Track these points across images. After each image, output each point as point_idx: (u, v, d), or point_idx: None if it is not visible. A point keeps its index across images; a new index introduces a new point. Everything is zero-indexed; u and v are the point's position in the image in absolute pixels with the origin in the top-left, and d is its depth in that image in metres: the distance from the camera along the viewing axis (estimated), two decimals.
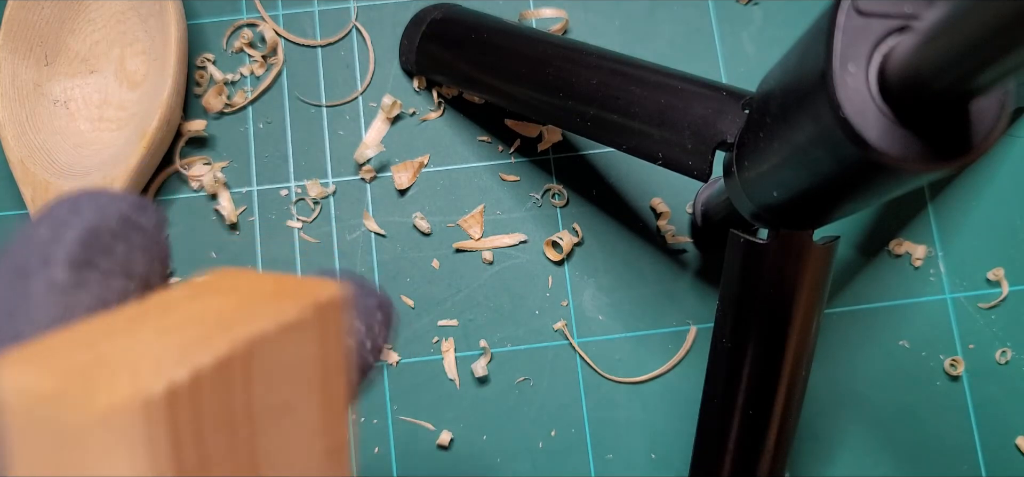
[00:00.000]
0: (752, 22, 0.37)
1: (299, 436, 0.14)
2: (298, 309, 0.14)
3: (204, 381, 0.11)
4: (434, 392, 0.34)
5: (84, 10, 0.35)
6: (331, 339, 0.15)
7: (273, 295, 0.14)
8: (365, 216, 0.35)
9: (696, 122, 0.26)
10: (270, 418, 0.13)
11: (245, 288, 0.14)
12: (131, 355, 0.11)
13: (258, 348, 0.13)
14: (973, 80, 0.15)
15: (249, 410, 0.13)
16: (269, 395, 0.13)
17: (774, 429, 0.26)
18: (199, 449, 0.12)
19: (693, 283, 0.35)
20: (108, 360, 0.11)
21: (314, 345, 0.14)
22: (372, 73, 0.37)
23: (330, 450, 0.15)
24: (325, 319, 0.14)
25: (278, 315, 0.13)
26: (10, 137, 0.33)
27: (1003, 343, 0.34)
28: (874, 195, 0.19)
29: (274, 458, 0.13)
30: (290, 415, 0.14)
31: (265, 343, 0.13)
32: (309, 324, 0.14)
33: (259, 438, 0.13)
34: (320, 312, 0.14)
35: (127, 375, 0.11)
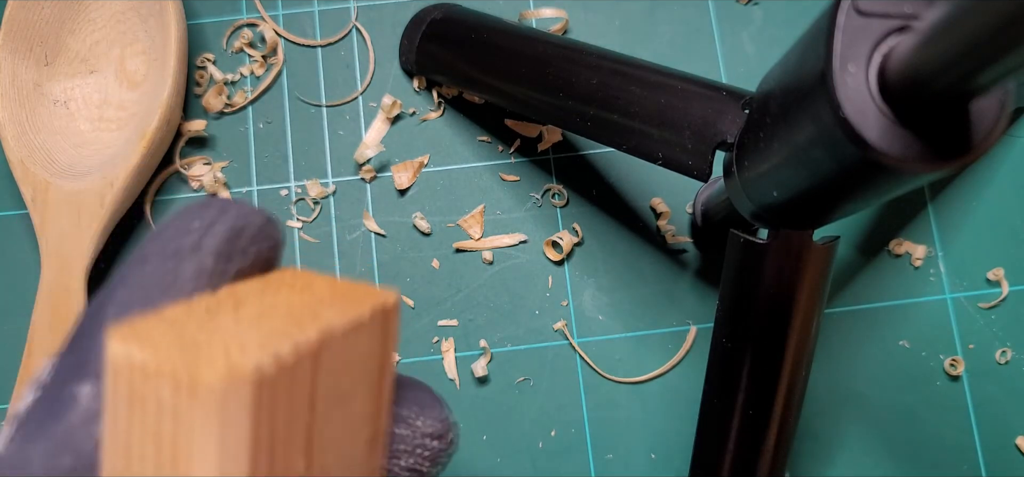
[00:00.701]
0: (752, 22, 0.37)
1: (351, 424, 0.15)
2: (363, 310, 0.15)
3: (284, 369, 0.13)
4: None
5: (84, 10, 0.35)
6: (389, 339, 0.16)
7: (339, 295, 0.15)
8: (365, 216, 0.35)
9: (696, 122, 0.26)
10: (330, 406, 0.14)
11: (312, 287, 0.16)
12: (220, 339, 0.13)
13: (328, 342, 0.14)
14: (973, 80, 0.15)
15: (314, 397, 0.14)
16: (333, 385, 0.14)
17: (774, 429, 0.26)
18: (272, 429, 0.13)
19: (693, 283, 0.35)
20: (200, 342, 0.13)
21: (375, 343, 0.15)
22: (372, 73, 0.37)
23: (372, 439, 0.16)
24: (385, 321, 0.16)
25: (346, 314, 0.14)
26: (10, 137, 0.33)
27: (1003, 343, 0.34)
28: (874, 195, 0.19)
29: (326, 443, 0.14)
30: (346, 405, 0.15)
31: (334, 338, 0.14)
32: (372, 325, 0.15)
33: (318, 423, 0.14)
34: (382, 315, 0.15)
35: (218, 358, 0.12)
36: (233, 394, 0.12)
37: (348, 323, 0.14)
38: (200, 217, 0.16)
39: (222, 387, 0.12)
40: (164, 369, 0.12)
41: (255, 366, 0.12)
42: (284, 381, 0.13)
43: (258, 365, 0.12)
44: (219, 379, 0.12)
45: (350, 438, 0.15)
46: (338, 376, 0.14)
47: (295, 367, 0.13)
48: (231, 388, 0.12)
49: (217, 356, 0.12)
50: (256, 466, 0.12)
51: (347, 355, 0.14)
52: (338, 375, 0.14)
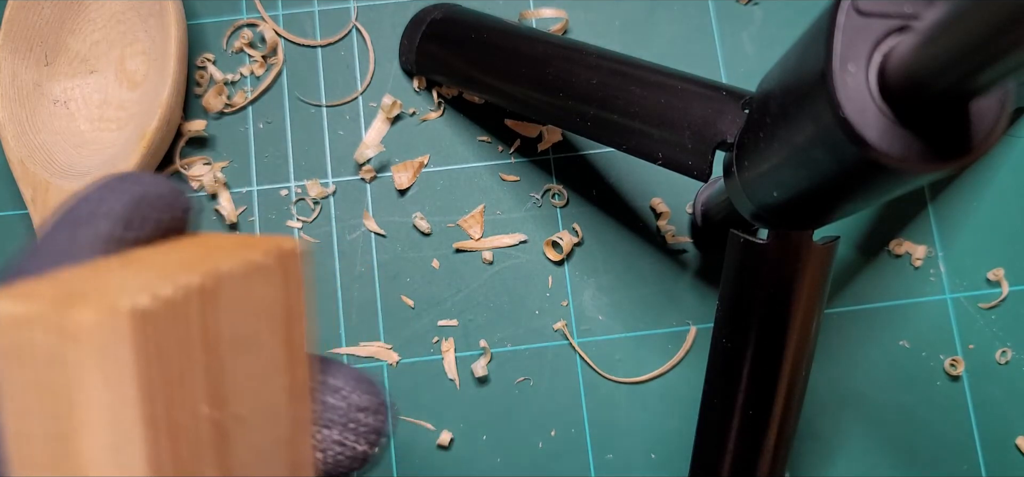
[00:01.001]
0: (752, 22, 0.37)
1: (263, 372, 0.15)
2: (260, 254, 0.15)
3: (166, 306, 0.13)
4: (434, 392, 0.34)
5: (84, 10, 0.35)
6: (293, 285, 0.16)
7: (237, 246, 0.16)
8: (365, 216, 0.35)
9: (696, 122, 0.26)
10: (235, 350, 0.14)
11: (212, 242, 0.16)
12: (101, 286, 0.13)
13: (222, 283, 0.14)
14: (973, 80, 0.15)
15: (209, 339, 0.14)
16: (234, 328, 0.14)
17: (774, 429, 0.26)
18: (162, 369, 0.13)
19: (693, 283, 0.35)
20: (81, 291, 0.13)
21: (276, 288, 0.15)
22: (372, 73, 0.37)
23: (292, 389, 0.16)
24: (286, 266, 0.16)
25: (241, 257, 0.15)
26: (10, 137, 0.33)
27: (1003, 343, 0.34)
28: (874, 195, 0.19)
29: (241, 390, 0.14)
30: (254, 351, 0.15)
31: (225, 280, 0.14)
32: (271, 268, 0.15)
33: (226, 368, 0.14)
34: (281, 259, 0.15)
35: (96, 300, 0.12)
36: (110, 330, 0.12)
37: (241, 266, 0.14)
38: (102, 186, 0.17)
39: (98, 322, 0.12)
40: (41, 316, 0.12)
41: (132, 303, 0.12)
42: (167, 319, 0.13)
43: (135, 302, 0.12)
44: (95, 317, 0.12)
45: (265, 386, 0.15)
46: (236, 319, 0.14)
47: (179, 306, 0.13)
48: (108, 323, 0.12)
49: (95, 299, 0.12)
50: (149, 404, 0.12)
51: (244, 298, 0.15)
52: (236, 318, 0.14)
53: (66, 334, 0.12)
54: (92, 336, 0.12)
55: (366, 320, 0.34)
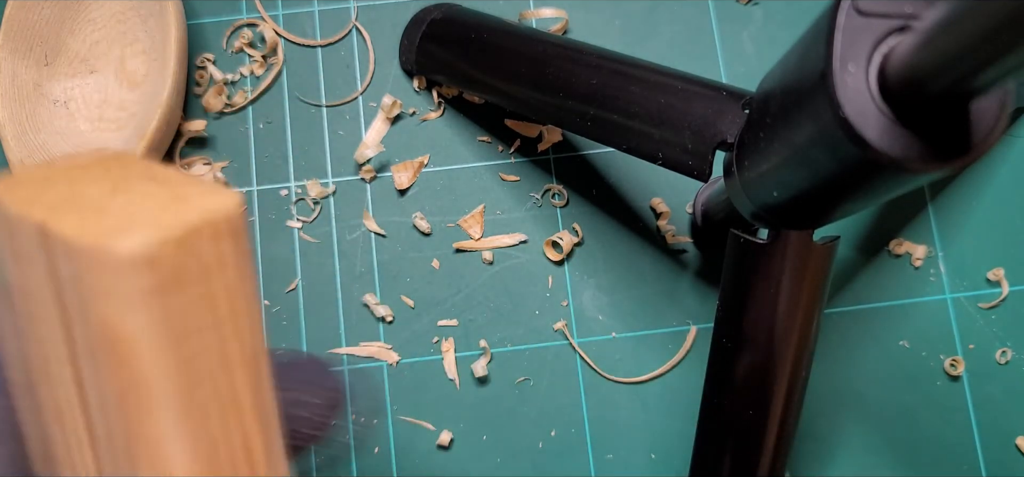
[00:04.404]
0: (752, 22, 0.37)
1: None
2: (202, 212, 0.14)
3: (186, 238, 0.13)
4: (434, 392, 0.34)
5: (84, 10, 0.35)
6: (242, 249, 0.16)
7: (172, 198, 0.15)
8: (365, 216, 0.35)
9: (696, 122, 0.26)
10: None
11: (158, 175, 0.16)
12: (132, 215, 0.13)
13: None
14: (973, 80, 0.15)
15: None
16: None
17: (774, 429, 0.26)
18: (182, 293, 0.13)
19: (693, 283, 0.35)
20: (110, 212, 0.13)
21: (227, 250, 0.15)
22: (372, 73, 0.37)
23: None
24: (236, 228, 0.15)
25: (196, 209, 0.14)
26: (10, 137, 0.33)
27: (1003, 343, 0.34)
28: (874, 195, 0.19)
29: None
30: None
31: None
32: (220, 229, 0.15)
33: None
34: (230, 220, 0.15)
35: (145, 228, 0.12)
36: (153, 260, 0.12)
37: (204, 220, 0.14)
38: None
39: (141, 254, 0.12)
40: (93, 239, 0.12)
41: (164, 235, 0.12)
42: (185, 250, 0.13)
43: (165, 235, 0.13)
44: (138, 247, 0.12)
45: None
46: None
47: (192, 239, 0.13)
48: (149, 255, 0.12)
49: (133, 227, 0.13)
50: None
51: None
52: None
53: (115, 256, 0.12)
54: (136, 264, 0.12)
55: (366, 320, 0.34)
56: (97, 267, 0.12)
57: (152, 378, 0.13)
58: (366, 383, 0.34)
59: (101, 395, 0.14)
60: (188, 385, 0.13)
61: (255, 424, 0.15)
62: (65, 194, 0.14)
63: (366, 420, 0.34)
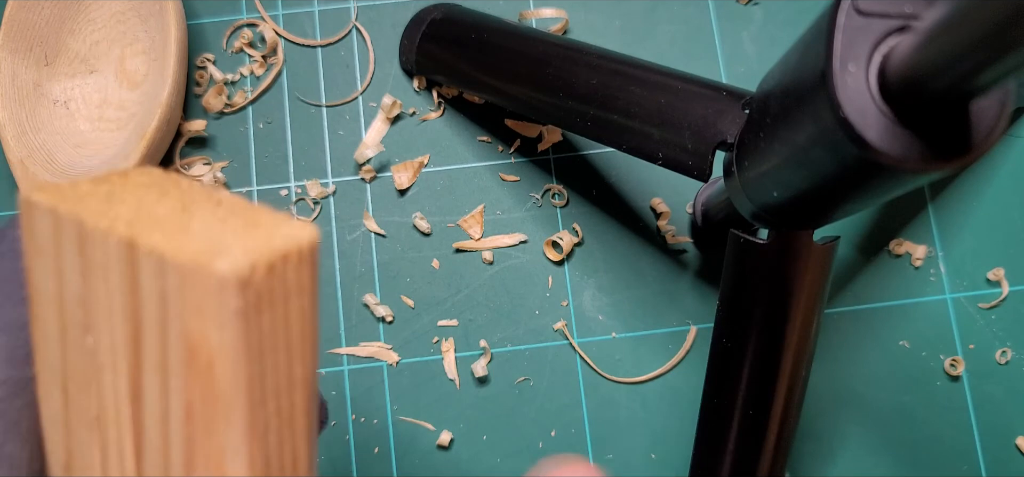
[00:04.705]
0: (752, 22, 0.37)
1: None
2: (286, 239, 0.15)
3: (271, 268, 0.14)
4: (434, 392, 0.34)
5: (84, 10, 0.35)
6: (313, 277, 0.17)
7: (249, 224, 0.16)
8: (365, 216, 0.35)
9: (696, 122, 0.26)
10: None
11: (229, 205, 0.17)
12: (218, 238, 0.14)
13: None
14: (973, 80, 0.15)
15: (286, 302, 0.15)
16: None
17: (774, 429, 0.26)
18: (259, 320, 0.14)
19: (693, 283, 0.35)
20: (194, 233, 0.14)
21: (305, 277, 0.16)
22: (372, 73, 0.37)
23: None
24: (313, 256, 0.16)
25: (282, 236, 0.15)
26: (10, 137, 0.33)
27: (1003, 343, 0.34)
28: (874, 195, 0.19)
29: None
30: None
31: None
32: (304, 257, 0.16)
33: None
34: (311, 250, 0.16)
35: (236, 251, 0.13)
36: (242, 283, 0.13)
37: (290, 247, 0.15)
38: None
39: (234, 276, 0.13)
40: (193, 261, 0.13)
41: (256, 261, 0.13)
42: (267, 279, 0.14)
43: (256, 262, 0.13)
44: (235, 268, 0.13)
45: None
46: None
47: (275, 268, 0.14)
48: (238, 278, 0.13)
49: (233, 250, 0.13)
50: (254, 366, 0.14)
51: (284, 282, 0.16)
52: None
53: (213, 275, 0.13)
54: (230, 284, 0.13)
55: (366, 320, 0.34)
56: (192, 284, 0.13)
57: (227, 392, 0.14)
58: (366, 383, 0.34)
59: (165, 408, 0.14)
60: (256, 401, 0.14)
61: (303, 444, 0.15)
62: (136, 211, 0.15)
63: (366, 420, 0.34)
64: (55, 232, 0.15)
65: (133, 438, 0.15)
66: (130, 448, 0.15)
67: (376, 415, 0.34)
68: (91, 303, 0.15)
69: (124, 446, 0.15)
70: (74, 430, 0.16)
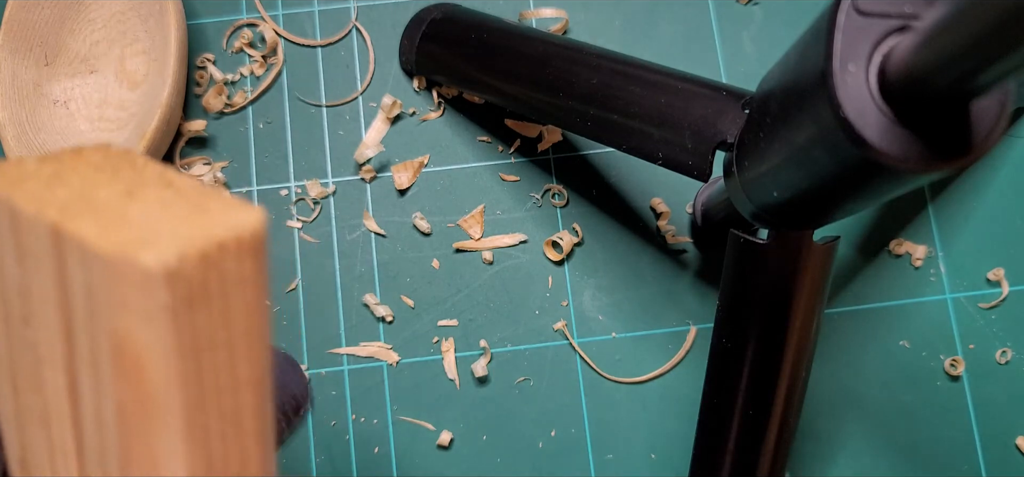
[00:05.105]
0: (752, 22, 0.37)
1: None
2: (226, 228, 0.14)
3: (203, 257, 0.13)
4: (434, 392, 0.34)
5: (84, 10, 0.35)
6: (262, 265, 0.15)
7: (193, 208, 0.15)
8: (365, 216, 0.35)
9: (696, 122, 0.26)
10: None
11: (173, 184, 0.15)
12: (153, 226, 0.13)
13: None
14: (973, 80, 0.15)
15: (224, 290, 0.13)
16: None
17: (774, 429, 0.26)
18: (193, 315, 0.13)
19: (693, 283, 0.35)
20: (129, 219, 0.13)
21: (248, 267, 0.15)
22: (372, 73, 0.37)
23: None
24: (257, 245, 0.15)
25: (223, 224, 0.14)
26: (10, 137, 0.33)
27: (1003, 343, 0.34)
28: (874, 195, 0.19)
29: None
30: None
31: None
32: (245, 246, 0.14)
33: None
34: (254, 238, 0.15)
35: (165, 241, 0.12)
36: (171, 276, 0.12)
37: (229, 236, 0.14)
38: None
39: (163, 269, 0.12)
40: (118, 250, 0.12)
41: (185, 252, 0.12)
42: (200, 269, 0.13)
43: (185, 252, 0.12)
44: (161, 261, 0.12)
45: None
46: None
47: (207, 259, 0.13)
48: (166, 271, 0.12)
49: (159, 241, 0.12)
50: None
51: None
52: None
53: (139, 267, 0.12)
54: (157, 278, 0.12)
55: (366, 320, 0.34)
56: (116, 277, 0.12)
57: (159, 394, 0.13)
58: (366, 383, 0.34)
59: (98, 406, 0.13)
60: (194, 403, 0.13)
61: (254, 446, 0.14)
62: (77, 194, 0.14)
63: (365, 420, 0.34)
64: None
65: (74, 436, 0.14)
66: (71, 446, 0.14)
67: (376, 415, 0.34)
68: (29, 293, 0.14)
69: (66, 444, 0.14)
70: (25, 426, 0.15)
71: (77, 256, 0.12)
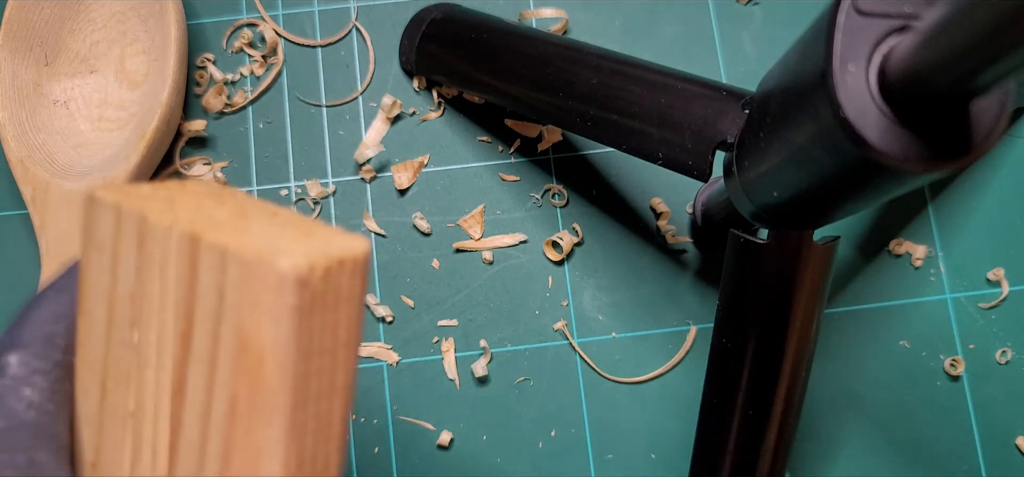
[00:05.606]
0: (752, 22, 0.37)
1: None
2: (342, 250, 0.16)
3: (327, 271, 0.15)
4: (434, 392, 0.34)
5: (84, 10, 0.35)
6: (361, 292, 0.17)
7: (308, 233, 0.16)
8: (365, 216, 0.35)
9: (696, 122, 0.26)
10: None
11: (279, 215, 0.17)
12: (277, 241, 0.15)
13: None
14: (973, 80, 0.15)
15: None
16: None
17: (774, 429, 0.26)
18: (314, 321, 0.14)
19: (693, 283, 0.35)
20: (254, 234, 0.15)
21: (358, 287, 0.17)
22: (372, 73, 0.37)
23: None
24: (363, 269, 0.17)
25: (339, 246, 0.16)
26: (10, 137, 0.33)
27: (1003, 343, 0.34)
28: (874, 195, 0.19)
29: None
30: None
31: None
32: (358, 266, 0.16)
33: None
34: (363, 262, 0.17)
35: (297, 252, 0.14)
36: (301, 281, 0.14)
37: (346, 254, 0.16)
38: None
39: (294, 274, 0.13)
40: (256, 258, 0.14)
41: (316, 263, 0.14)
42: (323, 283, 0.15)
43: (315, 263, 0.14)
44: (295, 266, 0.13)
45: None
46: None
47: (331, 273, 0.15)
48: (298, 277, 0.13)
49: (294, 250, 0.14)
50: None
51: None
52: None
53: (274, 271, 0.14)
54: (289, 282, 0.14)
55: (366, 320, 0.34)
56: (253, 279, 0.14)
57: (273, 388, 0.14)
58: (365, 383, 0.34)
59: (208, 403, 0.15)
60: (299, 402, 0.14)
61: (335, 451, 0.16)
62: (196, 213, 0.15)
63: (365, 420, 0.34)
64: (116, 228, 0.15)
65: (169, 434, 0.15)
66: (165, 444, 0.15)
67: (376, 415, 0.34)
68: (142, 298, 0.15)
69: (159, 442, 0.15)
70: (106, 427, 0.16)
71: (213, 261, 0.14)
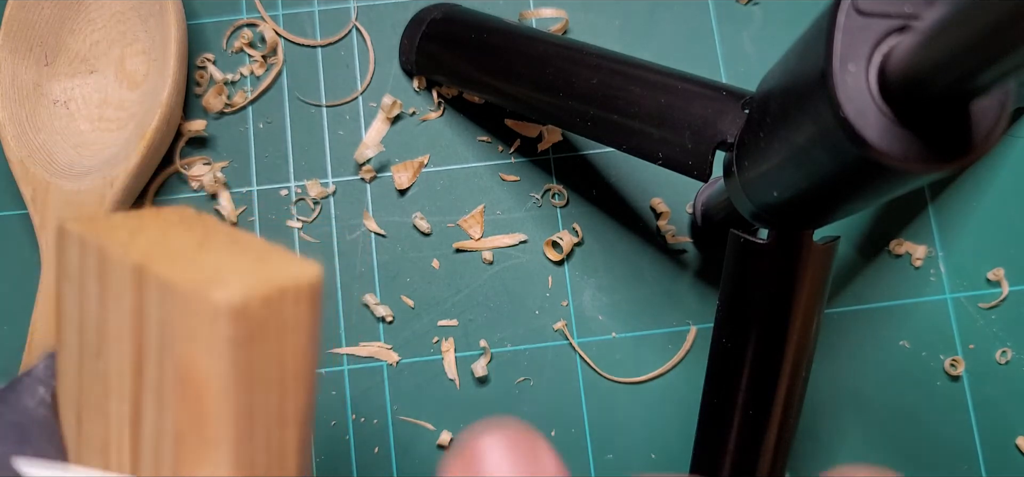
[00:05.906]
0: (752, 22, 0.37)
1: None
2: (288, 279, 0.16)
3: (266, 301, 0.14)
4: (434, 392, 0.34)
5: (84, 10, 0.35)
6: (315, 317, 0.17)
7: (258, 259, 0.16)
8: (365, 216, 0.35)
9: (696, 122, 0.26)
10: None
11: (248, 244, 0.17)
12: (222, 270, 0.15)
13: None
14: (973, 80, 0.15)
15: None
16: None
17: (774, 429, 0.26)
18: (252, 350, 0.14)
19: (693, 283, 0.35)
20: (201, 264, 0.15)
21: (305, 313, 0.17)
22: (372, 73, 0.37)
23: None
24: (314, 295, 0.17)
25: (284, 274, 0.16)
26: (10, 137, 0.33)
27: (1003, 343, 0.34)
28: (874, 195, 0.19)
29: None
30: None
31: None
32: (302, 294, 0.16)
33: None
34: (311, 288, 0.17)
35: (234, 282, 0.14)
36: (236, 312, 0.13)
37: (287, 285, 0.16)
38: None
39: (230, 305, 0.13)
40: (194, 288, 0.14)
41: (253, 293, 0.14)
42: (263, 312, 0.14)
43: (252, 293, 0.14)
44: (231, 297, 0.13)
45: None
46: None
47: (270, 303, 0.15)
48: (233, 308, 0.13)
49: (229, 280, 0.14)
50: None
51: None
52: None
53: (208, 303, 0.13)
54: (224, 314, 0.13)
55: (366, 320, 0.34)
56: (189, 310, 0.14)
57: (214, 419, 0.14)
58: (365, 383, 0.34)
59: (159, 433, 0.15)
60: (244, 433, 0.14)
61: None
62: (156, 242, 0.15)
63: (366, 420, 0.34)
64: (81, 259, 0.15)
65: (130, 465, 0.15)
66: (128, 473, 0.15)
67: (376, 415, 0.34)
68: (105, 328, 0.15)
69: (123, 471, 0.15)
70: (83, 456, 0.16)
71: (156, 292, 0.14)
